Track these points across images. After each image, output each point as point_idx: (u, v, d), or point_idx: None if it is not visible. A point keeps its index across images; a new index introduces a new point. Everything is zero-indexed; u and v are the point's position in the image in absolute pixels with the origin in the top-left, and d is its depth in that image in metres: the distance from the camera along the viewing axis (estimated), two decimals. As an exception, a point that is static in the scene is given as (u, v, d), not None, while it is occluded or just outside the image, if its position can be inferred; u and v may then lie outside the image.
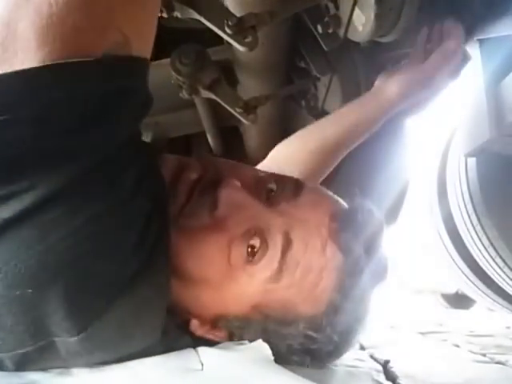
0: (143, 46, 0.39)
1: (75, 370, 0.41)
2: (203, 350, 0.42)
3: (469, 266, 1.57)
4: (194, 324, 0.48)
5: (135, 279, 0.37)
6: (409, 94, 0.74)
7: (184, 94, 0.75)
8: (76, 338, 0.36)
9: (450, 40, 0.71)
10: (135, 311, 0.38)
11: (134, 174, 0.37)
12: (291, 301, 0.47)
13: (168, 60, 0.73)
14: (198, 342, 0.47)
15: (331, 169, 0.82)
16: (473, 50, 0.81)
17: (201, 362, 0.41)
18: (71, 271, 0.34)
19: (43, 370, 0.40)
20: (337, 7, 0.67)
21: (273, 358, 0.44)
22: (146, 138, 1.04)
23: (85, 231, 0.33)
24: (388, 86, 0.74)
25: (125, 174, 0.36)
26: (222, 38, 0.63)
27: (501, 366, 1.04)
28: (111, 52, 0.33)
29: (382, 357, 1.00)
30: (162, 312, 0.41)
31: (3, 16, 0.30)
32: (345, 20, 0.66)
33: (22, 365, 0.39)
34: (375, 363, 0.95)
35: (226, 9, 0.61)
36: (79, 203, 0.33)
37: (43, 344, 0.37)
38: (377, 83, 0.77)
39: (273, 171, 0.61)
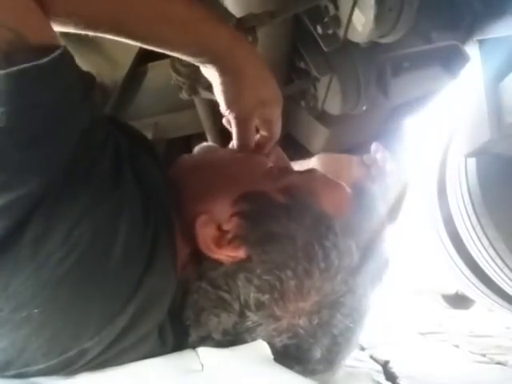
0: (41, 30, 0.35)
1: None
2: (203, 351, 0.42)
3: (469, 267, 1.57)
4: (202, 221, 0.44)
5: (144, 276, 0.37)
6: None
7: (184, 95, 0.75)
8: (90, 344, 0.36)
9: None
10: (147, 305, 0.38)
11: (109, 163, 0.36)
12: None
13: (168, 60, 0.73)
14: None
15: None
16: (472, 50, 0.81)
17: (201, 362, 0.41)
18: (70, 282, 0.34)
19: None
20: (336, 8, 0.67)
21: (272, 357, 0.44)
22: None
23: (72, 239, 0.33)
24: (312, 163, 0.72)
25: (98, 167, 0.35)
26: (221, 39, 0.62)
27: (501, 366, 1.04)
28: (9, 54, 0.32)
29: (382, 357, 1.00)
30: (170, 297, 0.41)
31: None
32: (344, 21, 0.66)
33: (28, 377, 0.39)
34: (375, 363, 0.95)
35: (226, 9, 0.61)
36: (58, 215, 0.33)
37: (55, 362, 0.37)
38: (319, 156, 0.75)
39: None
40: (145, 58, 0.92)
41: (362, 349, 1.23)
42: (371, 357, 1.12)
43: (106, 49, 0.88)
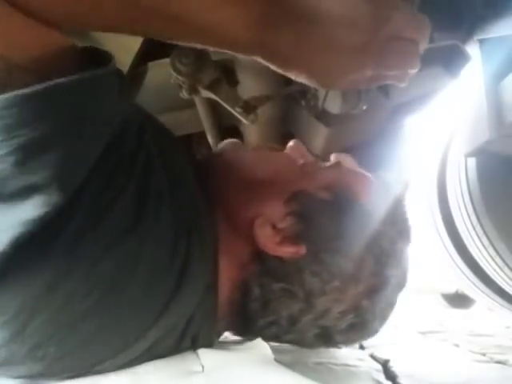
0: (34, 48, 0.30)
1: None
2: (203, 352, 0.42)
3: (469, 266, 1.57)
4: (259, 223, 0.47)
5: (169, 303, 0.37)
6: None
7: (184, 94, 0.75)
8: (102, 367, 0.37)
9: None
10: (171, 328, 0.40)
11: (137, 181, 0.34)
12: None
13: (168, 60, 0.72)
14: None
15: None
16: (473, 50, 0.81)
17: (201, 363, 0.41)
18: (89, 321, 0.33)
19: None
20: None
21: (273, 357, 0.44)
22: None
23: (93, 278, 0.32)
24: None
25: (125, 191, 0.33)
26: (222, 38, 0.63)
27: (501, 365, 1.04)
28: (5, 88, 0.27)
29: (382, 356, 1.00)
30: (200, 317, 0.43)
31: None
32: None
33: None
34: (375, 362, 0.95)
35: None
36: (79, 254, 0.31)
37: (64, 377, 0.37)
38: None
39: None
40: (145, 58, 0.92)
41: (362, 348, 1.23)
42: (371, 356, 1.12)
43: (105, 48, 0.88)
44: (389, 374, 0.82)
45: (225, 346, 0.46)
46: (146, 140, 0.37)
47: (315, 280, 0.47)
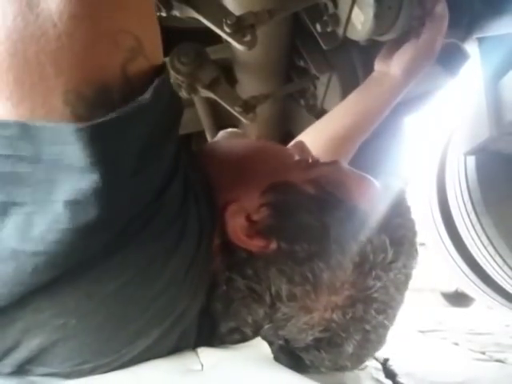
0: (155, 46, 0.34)
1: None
2: (203, 351, 0.42)
3: (468, 265, 1.57)
4: (232, 210, 0.44)
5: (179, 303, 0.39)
6: (413, 72, 0.72)
7: (183, 93, 0.75)
8: (107, 360, 0.38)
9: (436, 8, 0.67)
10: (173, 327, 0.40)
11: (177, 190, 0.37)
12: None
13: (167, 59, 0.72)
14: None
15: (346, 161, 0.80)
16: (472, 48, 0.81)
17: (201, 362, 0.41)
18: (114, 301, 0.34)
19: None
20: (336, 6, 0.67)
21: (272, 356, 0.44)
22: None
23: (126, 263, 0.33)
24: (391, 69, 0.72)
25: (165, 205, 0.35)
26: (221, 37, 0.63)
27: (500, 363, 1.04)
28: (129, 65, 0.31)
29: (382, 355, 1.00)
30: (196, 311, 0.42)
31: (7, 45, 0.27)
32: (344, 19, 0.66)
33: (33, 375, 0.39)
34: (374, 361, 0.95)
35: (225, 7, 0.61)
36: (123, 245, 0.33)
37: (67, 370, 0.37)
38: (378, 67, 0.74)
39: None
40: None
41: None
42: (371, 355, 1.12)
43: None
44: (388, 372, 0.83)
45: (224, 344, 0.46)
46: (184, 163, 0.39)
47: (283, 280, 0.42)
